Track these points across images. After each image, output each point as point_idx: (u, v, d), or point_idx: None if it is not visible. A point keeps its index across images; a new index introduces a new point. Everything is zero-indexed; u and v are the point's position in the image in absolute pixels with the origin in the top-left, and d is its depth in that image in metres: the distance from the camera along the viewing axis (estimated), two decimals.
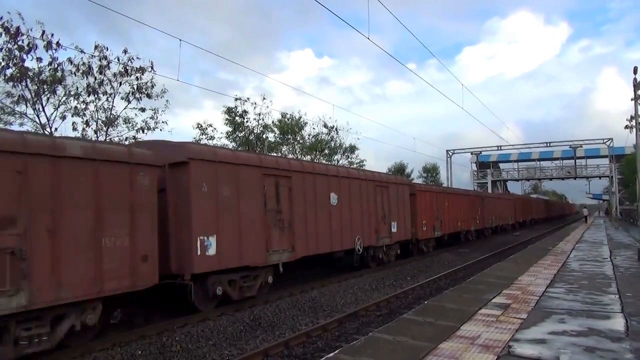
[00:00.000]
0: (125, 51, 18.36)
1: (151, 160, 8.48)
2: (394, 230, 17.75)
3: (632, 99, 23.43)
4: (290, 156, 36.33)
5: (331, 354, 5.81)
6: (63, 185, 7.12)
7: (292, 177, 12.27)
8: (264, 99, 35.95)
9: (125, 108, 19.57)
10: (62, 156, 7.12)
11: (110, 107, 19.17)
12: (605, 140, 52.57)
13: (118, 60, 18.23)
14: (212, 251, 9.56)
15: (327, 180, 13.91)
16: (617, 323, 6.82)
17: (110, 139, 19.24)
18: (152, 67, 18.85)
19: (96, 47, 17.70)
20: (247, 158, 11.17)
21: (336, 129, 36.59)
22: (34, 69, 16.75)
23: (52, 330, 7.06)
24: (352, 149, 38.95)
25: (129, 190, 8.01)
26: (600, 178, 62.17)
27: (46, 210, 6.91)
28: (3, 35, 15.62)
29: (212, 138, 31.75)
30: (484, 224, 31.28)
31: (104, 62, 17.91)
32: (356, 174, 16.26)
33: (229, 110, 31.95)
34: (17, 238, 6.54)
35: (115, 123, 19.64)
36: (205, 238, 9.42)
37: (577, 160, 57.97)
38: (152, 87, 19.27)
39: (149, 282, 8.26)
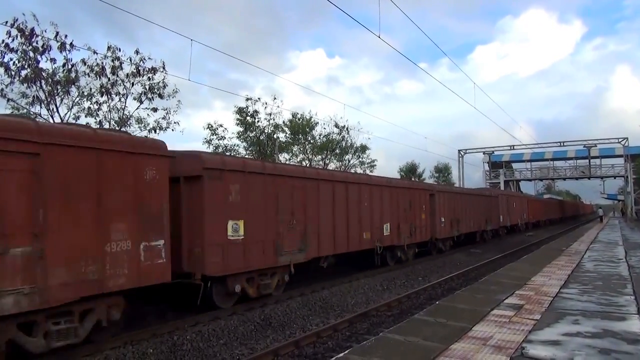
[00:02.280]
0: (137, 52, 18.52)
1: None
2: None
3: None
4: (300, 156, 36.43)
5: (341, 354, 5.79)
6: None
7: None
8: (275, 98, 36.08)
9: (137, 108, 19.74)
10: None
11: (123, 107, 19.33)
12: (620, 140, 51.76)
13: (130, 60, 18.39)
14: None
15: None
16: (633, 325, 6.70)
17: None
18: (163, 67, 19.00)
19: (109, 47, 17.89)
20: None
21: (347, 129, 36.55)
22: (48, 69, 16.96)
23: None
24: (363, 148, 38.91)
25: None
26: (615, 178, 61.27)
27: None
28: (19, 37, 15.81)
29: (222, 138, 31.96)
30: (431, 234, 19.93)
31: (117, 63, 18.08)
32: None
33: (240, 110, 32.07)
34: None
35: (128, 123, 19.80)
36: None
37: (591, 160, 57.21)
38: (164, 87, 19.41)
39: None
